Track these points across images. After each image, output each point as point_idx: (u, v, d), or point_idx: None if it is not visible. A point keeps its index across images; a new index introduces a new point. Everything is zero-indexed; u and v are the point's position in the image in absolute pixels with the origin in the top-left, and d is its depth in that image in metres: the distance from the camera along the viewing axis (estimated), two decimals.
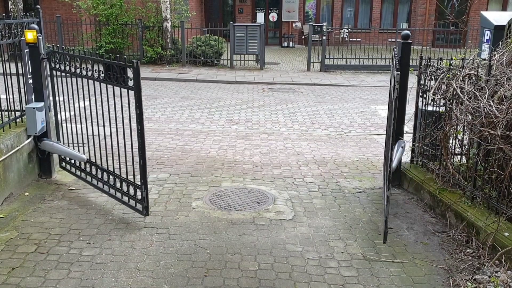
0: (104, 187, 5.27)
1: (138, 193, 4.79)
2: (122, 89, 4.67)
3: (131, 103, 4.66)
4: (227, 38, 16.93)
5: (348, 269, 4.05)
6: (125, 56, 4.79)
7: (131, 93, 4.50)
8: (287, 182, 6.01)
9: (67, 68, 5.29)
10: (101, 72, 4.84)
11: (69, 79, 5.44)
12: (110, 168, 5.17)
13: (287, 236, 4.58)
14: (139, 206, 4.83)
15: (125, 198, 4.98)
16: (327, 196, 5.58)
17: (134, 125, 4.61)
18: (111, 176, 5.14)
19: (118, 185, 5.04)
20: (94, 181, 5.41)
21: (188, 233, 4.60)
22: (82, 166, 5.61)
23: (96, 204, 5.21)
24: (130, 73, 4.49)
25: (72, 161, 5.75)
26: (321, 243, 4.46)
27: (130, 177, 4.88)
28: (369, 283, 3.85)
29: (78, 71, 5.14)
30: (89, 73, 5.00)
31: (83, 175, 5.62)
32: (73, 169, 5.78)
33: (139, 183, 4.71)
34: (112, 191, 5.16)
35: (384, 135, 5.89)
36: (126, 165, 4.92)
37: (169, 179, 5.97)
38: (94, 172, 5.42)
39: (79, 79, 5.20)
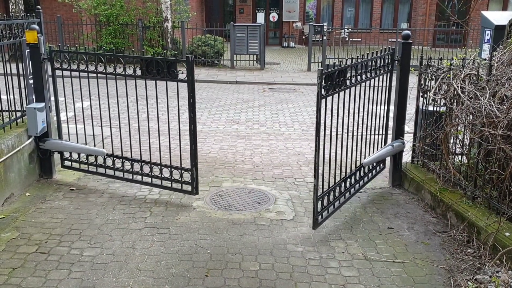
0: (134, 177, 5.53)
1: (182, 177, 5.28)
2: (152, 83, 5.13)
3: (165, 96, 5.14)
4: (227, 38, 16.93)
5: (349, 269, 4.05)
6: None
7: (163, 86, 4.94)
8: (287, 182, 6.01)
9: (82, 67, 5.42)
10: (136, 69, 5.14)
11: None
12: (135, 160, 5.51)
13: (288, 236, 4.58)
14: (186, 187, 5.28)
15: (166, 183, 5.36)
16: None
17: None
18: (145, 166, 5.43)
19: (156, 173, 5.40)
20: (119, 174, 5.60)
21: (189, 233, 4.60)
22: (100, 162, 5.71)
23: (97, 204, 5.21)
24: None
25: (83, 158, 5.80)
26: (322, 243, 4.46)
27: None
28: (370, 283, 3.85)
29: (99, 69, 5.29)
30: (119, 70, 5.21)
31: (100, 170, 5.71)
32: (83, 166, 5.83)
33: (185, 167, 5.21)
34: (146, 179, 5.45)
35: (384, 135, 5.89)
36: (170, 153, 5.40)
37: None
38: (119, 165, 5.59)
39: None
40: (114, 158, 5.61)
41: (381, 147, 5.75)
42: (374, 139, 5.65)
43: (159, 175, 5.40)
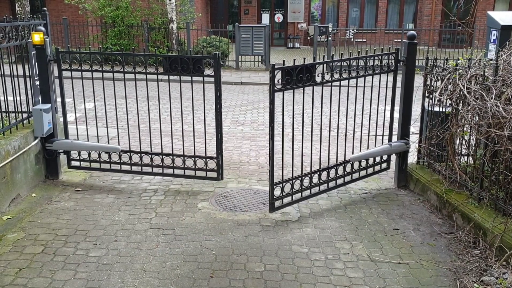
0: (154, 170, 5.74)
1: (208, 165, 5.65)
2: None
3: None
4: (232, 39, 16.94)
5: (354, 270, 4.04)
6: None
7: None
8: None
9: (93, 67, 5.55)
10: (158, 68, 5.41)
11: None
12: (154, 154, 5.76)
13: (293, 237, 4.57)
14: (210, 174, 5.64)
15: (189, 173, 5.64)
16: (333, 197, 5.57)
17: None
18: (166, 158, 5.67)
19: (178, 163, 5.66)
20: (136, 168, 5.76)
21: (194, 234, 4.61)
22: (115, 159, 5.81)
23: (102, 205, 5.23)
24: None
25: (95, 156, 5.87)
26: (327, 244, 4.45)
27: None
28: (375, 285, 3.84)
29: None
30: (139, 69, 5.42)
31: (114, 166, 5.80)
32: (94, 165, 5.88)
33: (210, 156, 5.61)
34: (168, 170, 5.71)
35: (388, 136, 5.88)
36: (194, 144, 5.83)
37: (175, 180, 5.98)
38: (137, 160, 5.73)
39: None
40: (131, 154, 5.73)
41: (381, 145, 5.78)
42: (368, 137, 5.79)
43: (182, 166, 5.63)
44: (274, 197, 5.00)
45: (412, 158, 5.93)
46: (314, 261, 4.17)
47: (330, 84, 5.15)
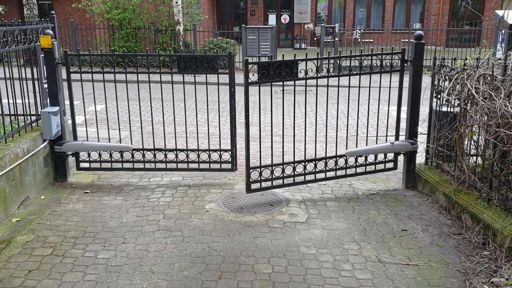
0: (167, 166, 5.91)
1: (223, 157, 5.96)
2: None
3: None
4: (239, 41, 16.96)
5: (363, 271, 4.02)
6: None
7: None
8: (300, 185, 5.98)
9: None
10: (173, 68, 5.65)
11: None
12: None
13: (301, 239, 4.57)
14: (225, 166, 5.93)
15: (204, 166, 5.90)
16: (340, 198, 5.56)
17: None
18: (181, 153, 5.87)
19: (192, 158, 5.88)
20: (150, 165, 5.92)
21: (201, 235, 4.61)
22: (127, 158, 5.89)
23: (110, 207, 5.25)
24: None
25: (106, 156, 5.91)
26: (335, 246, 4.44)
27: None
28: (384, 286, 3.82)
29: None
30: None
31: (127, 165, 5.90)
32: (105, 165, 5.93)
33: (224, 148, 5.91)
34: (182, 165, 5.90)
35: (395, 136, 5.86)
36: (209, 138, 6.23)
37: (183, 182, 6.00)
38: (150, 157, 5.85)
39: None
40: (144, 151, 5.82)
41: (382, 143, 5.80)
42: (367, 137, 5.98)
43: (196, 160, 5.86)
44: (251, 180, 5.32)
45: (420, 158, 5.90)
46: (322, 262, 4.16)
47: (316, 80, 5.24)
